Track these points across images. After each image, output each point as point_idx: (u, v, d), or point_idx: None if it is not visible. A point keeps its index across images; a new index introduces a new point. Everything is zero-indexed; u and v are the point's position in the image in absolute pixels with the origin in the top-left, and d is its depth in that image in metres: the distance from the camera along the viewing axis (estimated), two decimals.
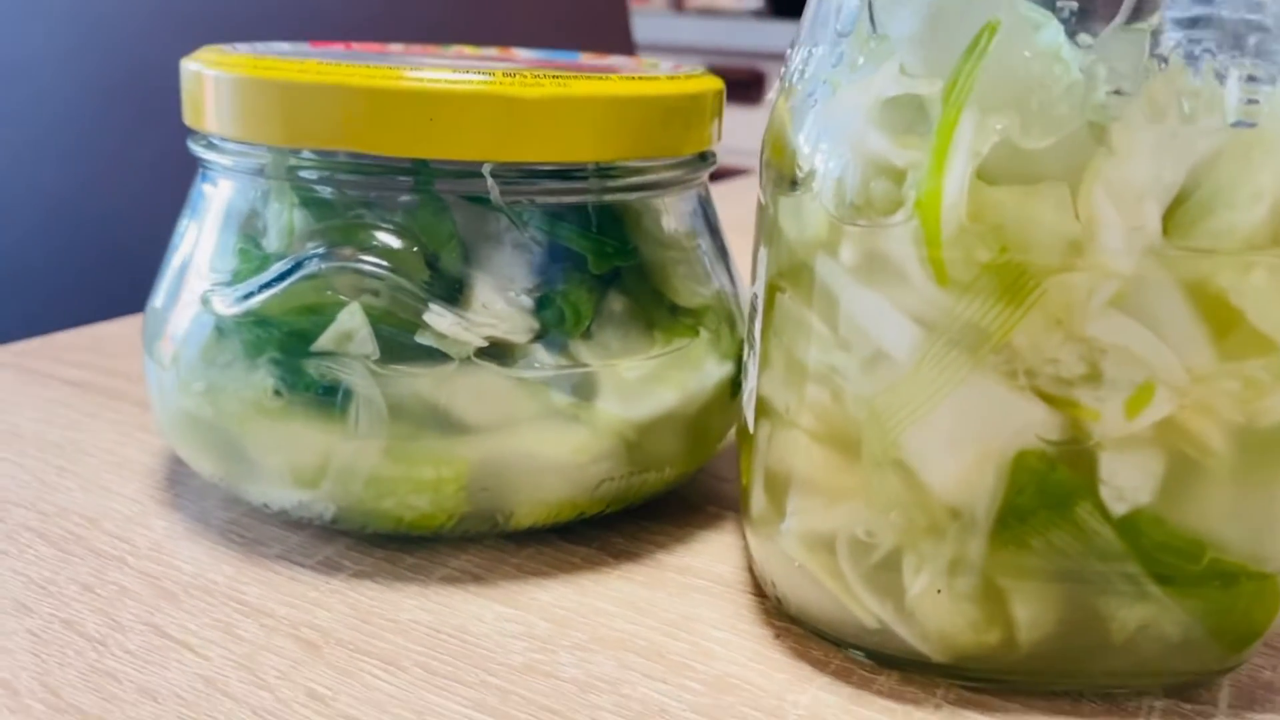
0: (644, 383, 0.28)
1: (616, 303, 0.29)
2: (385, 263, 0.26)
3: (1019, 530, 0.22)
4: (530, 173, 0.27)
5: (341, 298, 0.26)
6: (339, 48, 0.35)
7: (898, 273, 0.22)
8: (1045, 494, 0.22)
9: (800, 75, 0.24)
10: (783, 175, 0.24)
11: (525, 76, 0.26)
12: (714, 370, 0.30)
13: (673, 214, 0.31)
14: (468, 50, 0.37)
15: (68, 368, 0.40)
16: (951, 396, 0.22)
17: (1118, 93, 0.20)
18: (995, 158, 0.21)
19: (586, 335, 0.28)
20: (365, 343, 0.26)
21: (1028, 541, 0.22)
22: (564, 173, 0.27)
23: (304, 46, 0.34)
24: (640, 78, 0.28)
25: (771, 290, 0.25)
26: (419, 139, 0.26)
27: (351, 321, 0.26)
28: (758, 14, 2.47)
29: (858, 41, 0.22)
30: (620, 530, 0.30)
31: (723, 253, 0.32)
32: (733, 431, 0.31)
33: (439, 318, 0.26)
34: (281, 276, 0.26)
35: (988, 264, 0.21)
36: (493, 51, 0.37)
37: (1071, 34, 0.20)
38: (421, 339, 0.26)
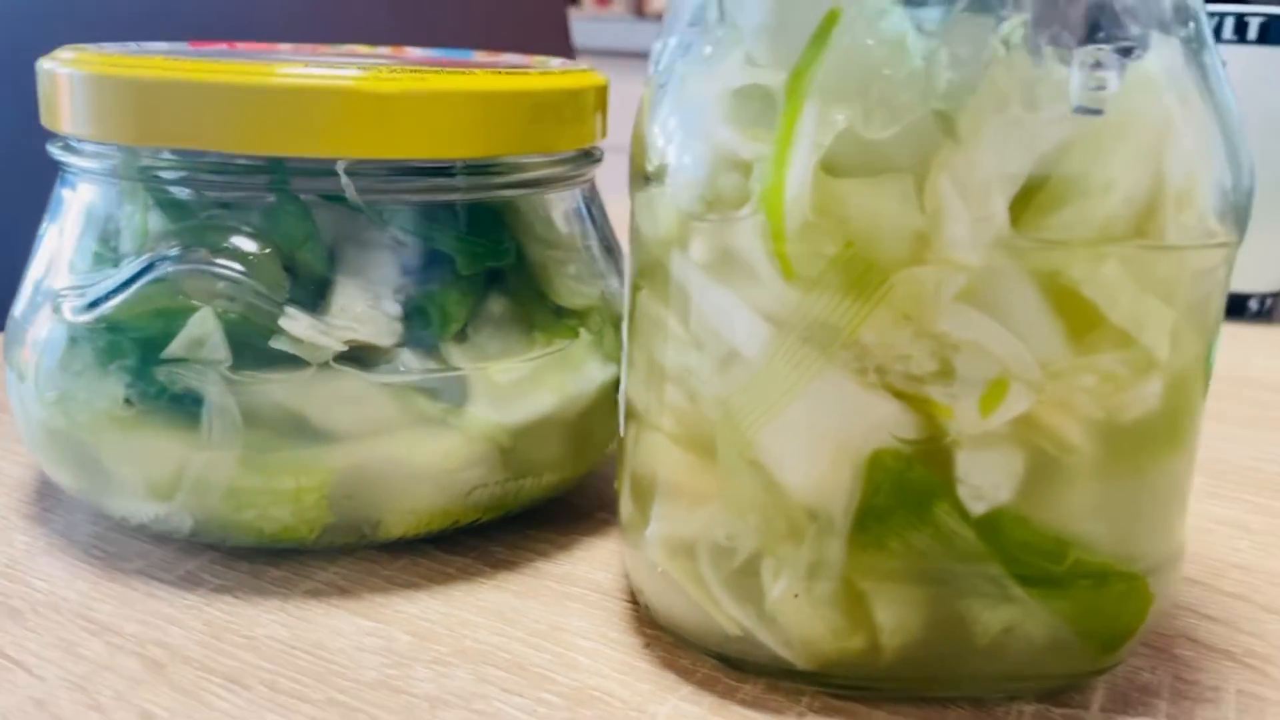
0: (519, 386, 0.27)
1: (496, 304, 0.28)
2: (238, 266, 0.25)
3: (877, 531, 0.21)
4: (393, 170, 0.26)
5: (194, 302, 0.25)
6: (221, 47, 0.34)
7: (747, 269, 0.21)
8: (902, 494, 0.21)
9: (657, 67, 0.23)
10: (639, 170, 0.23)
11: (383, 72, 0.25)
12: (596, 373, 0.29)
13: (555, 212, 0.30)
14: (360, 49, 0.36)
15: None
16: (804, 395, 0.21)
17: (960, 80, 0.20)
18: (839, 149, 0.20)
19: (461, 338, 0.27)
20: (217, 348, 0.25)
21: (886, 543, 0.22)
22: (428, 170, 0.26)
23: (182, 46, 0.33)
24: (510, 73, 0.27)
25: (633, 290, 0.24)
26: (270, 136, 0.25)
27: (202, 327, 0.25)
28: None
29: (706, 30, 0.22)
30: (501, 539, 0.29)
31: (611, 252, 0.32)
32: None
33: (294, 322, 0.25)
34: (130, 280, 0.25)
35: (834, 258, 0.20)
36: (385, 50, 0.36)
37: (918, 21, 0.20)
38: (277, 344, 0.25)
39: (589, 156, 0.30)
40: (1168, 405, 0.22)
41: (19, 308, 0.29)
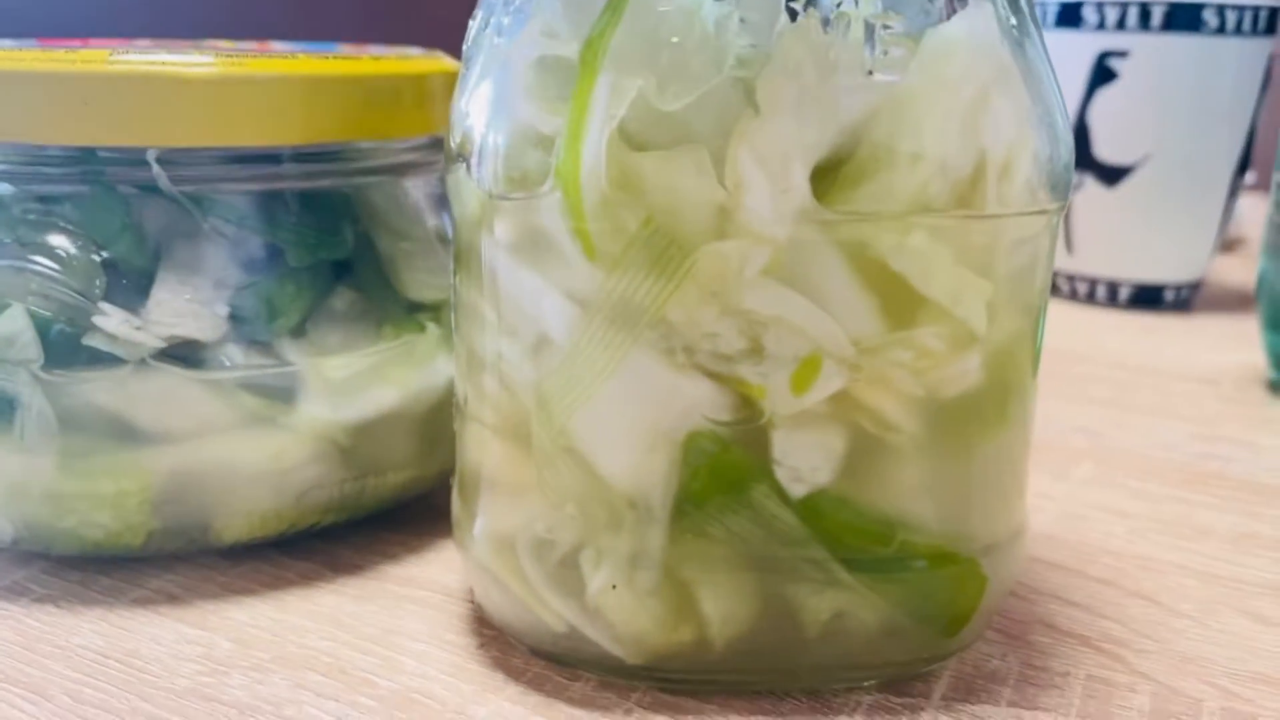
0: (355, 381, 0.26)
1: (343, 297, 0.27)
2: (49, 261, 0.24)
3: (697, 518, 0.21)
4: (219, 159, 0.25)
5: (4, 299, 0.24)
6: (74, 44, 0.33)
7: (551, 248, 0.20)
8: (719, 478, 0.21)
9: (467, 41, 0.22)
10: (447, 150, 0.22)
11: (196, 57, 0.24)
12: (446, 367, 0.28)
13: (408, 201, 0.29)
14: (222, 44, 0.35)
15: None
16: (614, 378, 0.20)
17: (754, 47, 0.19)
18: (635, 121, 0.19)
19: (299, 332, 0.26)
20: (29, 347, 0.24)
21: (707, 529, 0.21)
22: (255, 158, 0.25)
23: (29, 42, 0.32)
24: (337, 58, 0.26)
25: (453, 276, 0.23)
26: (81, 126, 0.24)
27: (12, 325, 0.24)
28: None
29: (506, 1, 0.21)
30: (351, 542, 0.28)
31: None
32: None
33: (106, 318, 0.24)
34: None
35: (634, 235, 0.19)
36: (250, 45, 0.35)
37: None
38: (90, 341, 0.24)
39: (439, 145, 0.30)
40: (991, 381, 0.21)
41: None
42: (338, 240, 0.27)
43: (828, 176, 0.20)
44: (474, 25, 0.22)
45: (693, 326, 0.20)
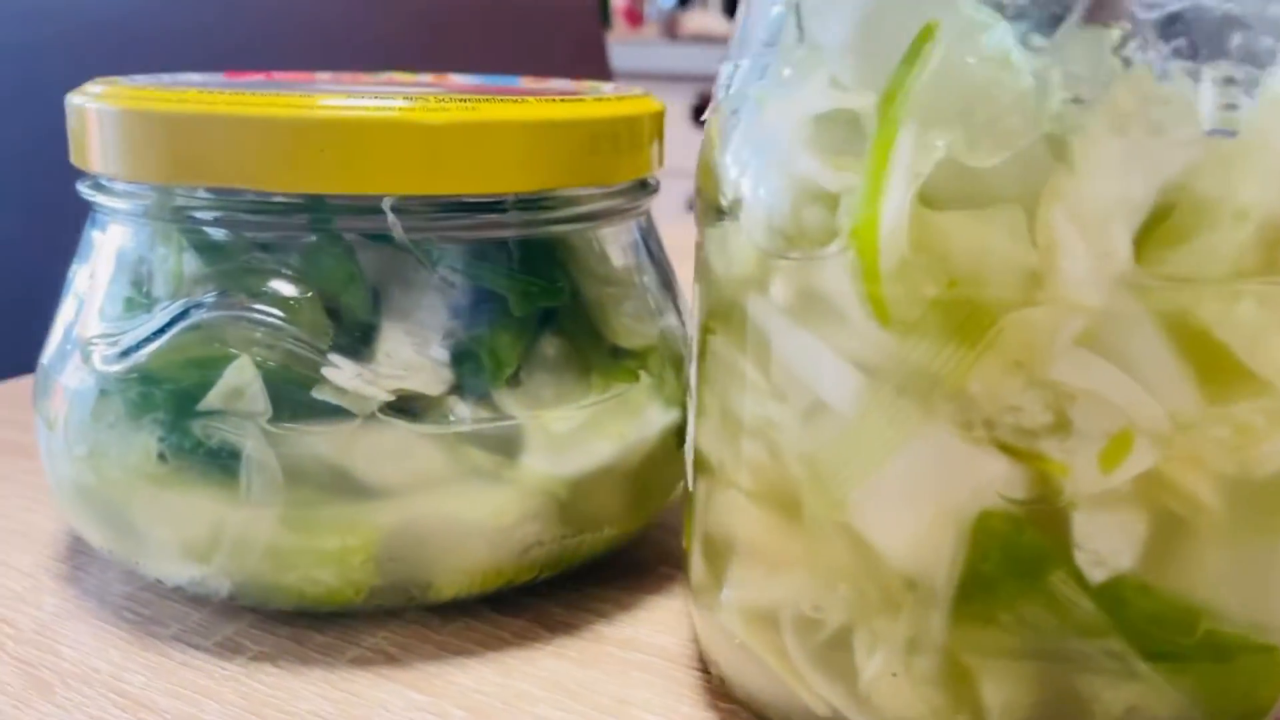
0: (576, 434, 0.25)
1: (550, 346, 0.26)
2: (278, 311, 0.23)
3: (985, 602, 0.19)
4: (442, 206, 0.24)
5: (231, 350, 0.23)
6: (258, 77, 0.32)
7: (835, 312, 0.19)
8: (1012, 560, 0.19)
9: (727, 91, 0.21)
10: (710, 203, 0.21)
11: (430, 101, 0.23)
12: (657, 418, 0.27)
13: (611, 247, 0.28)
14: (399, 77, 0.34)
15: None
16: (901, 451, 0.19)
17: (1076, 100, 0.17)
18: (939, 179, 0.18)
19: (514, 383, 0.25)
20: (256, 400, 0.23)
21: (995, 615, 0.19)
22: (479, 206, 0.25)
23: (217, 77, 0.31)
24: (564, 100, 0.25)
25: (704, 332, 0.22)
26: (312, 172, 0.23)
27: (240, 377, 0.23)
28: None
29: (784, 51, 0.20)
30: (559, 598, 0.27)
31: (669, 288, 0.30)
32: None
33: (338, 371, 0.23)
34: (164, 329, 0.24)
35: (935, 300, 0.18)
36: (426, 78, 0.35)
37: (1024, 36, 0.18)
38: (319, 394, 0.23)
39: (645, 187, 0.29)
40: None
41: (47, 355, 0.27)
42: (557, 288, 0.26)
43: (1140, 236, 0.18)
44: (735, 74, 0.21)
45: (994, 399, 0.18)
